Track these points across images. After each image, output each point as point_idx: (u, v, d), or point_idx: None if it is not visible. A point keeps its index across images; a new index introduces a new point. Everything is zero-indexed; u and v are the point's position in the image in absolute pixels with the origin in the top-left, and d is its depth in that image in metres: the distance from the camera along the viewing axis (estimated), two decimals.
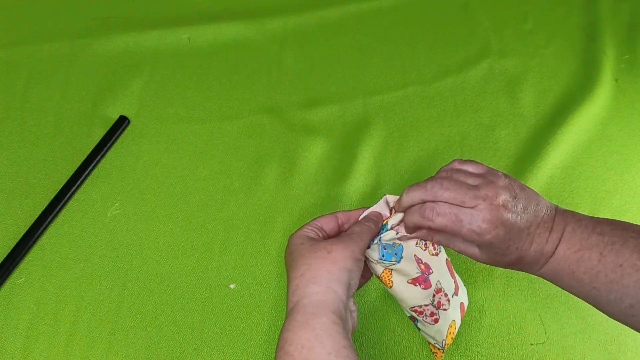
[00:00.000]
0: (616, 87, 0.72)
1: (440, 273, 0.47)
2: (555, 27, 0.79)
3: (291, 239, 0.45)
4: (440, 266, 0.47)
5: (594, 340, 0.55)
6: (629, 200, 0.64)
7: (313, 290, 0.39)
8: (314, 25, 0.77)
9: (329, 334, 0.37)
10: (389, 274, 0.45)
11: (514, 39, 0.77)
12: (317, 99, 0.70)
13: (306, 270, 0.40)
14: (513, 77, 0.73)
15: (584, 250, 0.40)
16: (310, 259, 0.41)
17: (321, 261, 0.41)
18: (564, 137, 0.67)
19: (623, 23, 0.79)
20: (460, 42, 0.77)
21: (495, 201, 0.40)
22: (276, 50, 0.75)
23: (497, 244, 0.41)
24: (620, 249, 0.39)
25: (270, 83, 0.72)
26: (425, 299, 0.45)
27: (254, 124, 0.68)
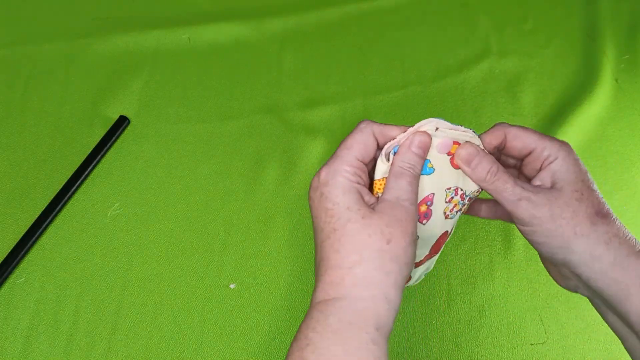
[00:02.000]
0: (616, 87, 0.72)
1: (429, 237, 0.40)
2: (555, 27, 0.79)
3: (331, 191, 0.34)
4: (434, 230, 0.40)
5: (594, 341, 0.55)
6: (629, 200, 0.64)
7: (361, 294, 0.31)
8: (314, 25, 0.77)
9: (362, 356, 0.30)
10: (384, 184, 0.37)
11: (514, 39, 0.77)
12: (317, 99, 0.70)
13: (356, 263, 0.32)
14: (513, 77, 0.73)
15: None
16: (363, 247, 0.32)
17: (378, 255, 0.32)
18: (564, 137, 0.67)
19: (623, 23, 0.79)
20: (460, 42, 0.77)
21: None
22: (276, 50, 0.75)
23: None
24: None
25: (270, 83, 0.72)
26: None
27: (254, 124, 0.68)
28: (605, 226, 0.35)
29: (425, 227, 0.38)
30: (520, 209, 0.36)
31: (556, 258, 0.36)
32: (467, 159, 0.37)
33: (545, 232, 0.35)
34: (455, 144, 0.38)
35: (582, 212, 0.35)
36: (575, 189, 0.36)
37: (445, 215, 0.39)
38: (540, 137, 0.38)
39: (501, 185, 0.37)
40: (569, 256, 0.35)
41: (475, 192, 0.40)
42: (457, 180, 0.38)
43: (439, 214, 0.38)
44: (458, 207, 0.40)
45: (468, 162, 0.37)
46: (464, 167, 0.38)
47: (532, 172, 0.39)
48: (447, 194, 0.38)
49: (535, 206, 0.35)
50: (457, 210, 0.40)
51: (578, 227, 0.35)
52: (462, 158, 0.37)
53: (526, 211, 0.36)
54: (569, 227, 0.35)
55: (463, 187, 0.39)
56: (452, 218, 0.40)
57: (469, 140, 0.38)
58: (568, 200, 0.36)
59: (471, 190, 0.39)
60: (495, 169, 0.37)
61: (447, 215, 0.39)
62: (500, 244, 0.60)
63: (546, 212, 0.35)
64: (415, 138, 0.36)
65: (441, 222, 0.39)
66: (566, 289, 0.40)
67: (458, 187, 0.38)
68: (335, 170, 0.35)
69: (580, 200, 0.36)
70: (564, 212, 0.35)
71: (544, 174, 0.38)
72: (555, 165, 0.37)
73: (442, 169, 0.38)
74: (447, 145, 0.37)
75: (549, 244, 0.36)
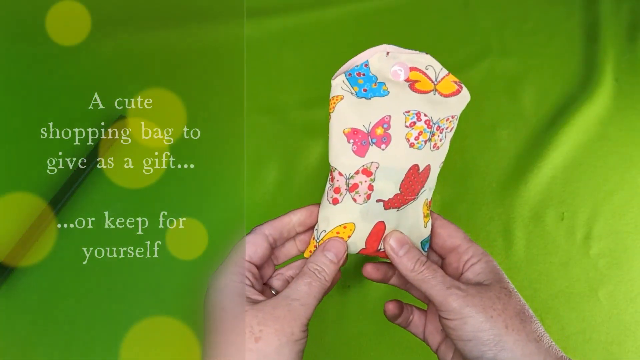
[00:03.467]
0: (616, 87, 0.72)
1: (393, 169, 0.37)
2: (556, 27, 0.79)
3: (211, 294, 0.33)
4: (400, 168, 0.37)
5: (595, 341, 0.55)
6: (630, 200, 0.64)
7: None
8: (314, 25, 0.77)
9: None
10: (337, 99, 0.36)
11: (515, 38, 0.77)
12: (317, 99, 0.70)
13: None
14: (513, 77, 0.73)
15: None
16: (225, 345, 0.30)
17: (241, 356, 0.29)
18: (564, 137, 0.67)
19: (623, 23, 0.79)
20: (460, 42, 0.77)
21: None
22: (276, 50, 0.75)
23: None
24: None
25: (270, 83, 0.71)
26: (349, 165, 0.36)
27: (254, 124, 0.67)
28: (533, 325, 0.35)
29: (386, 153, 0.36)
30: (452, 297, 0.34)
31: (485, 358, 0.34)
32: (394, 246, 0.37)
33: (477, 325, 0.33)
34: (413, 70, 0.37)
35: (512, 308, 0.35)
36: (503, 287, 0.36)
37: (409, 142, 0.37)
38: (465, 237, 0.39)
39: (430, 274, 0.36)
40: (499, 354, 0.33)
41: (445, 121, 0.38)
42: (419, 105, 0.37)
43: (401, 140, 0.36)
44: (425, 136, 0.37)
45: (396, 250, 0.37)
46: (391, 254, 0.37)
47: (454, 272, 0.39)
48: (407, 118, 0.36)
49: (466, 295, 0.34)
50: (425, 139, 0.37)
51: (509, 320, 0.34)
52: (390, 245, 0.37)
53: (457, 300, 0.34)
54: (501, 319, 0.34)
55: (428, 113, 0.37)
56: (419, 149, 0.37)
57: (427, 65, 0.38)
58: (498, 294, 0.35)
59: (439, 117, 0.37)
60: (425, 260, 0.37)
61: (412, 143, 0.37)
62: (500, 244, 0.60)
63: (478, 302, 0.34)
64: (329, 243, 0.36)
65: (406, 151, 0.37)
66: None
67: (420, 112, 0.37)
68: (220, 272, 0.34)
69: (509, 297, 0.35)
70: (495, 304, 0.34)
71: (469, 274, 0.38)
72: (480, 266, 0.37)
73: (398, 92, 0.37)
74: (403, 70, 0.37)
75: (479, 338, 0.33)
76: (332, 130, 0.37)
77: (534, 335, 0.34)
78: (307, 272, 0.35)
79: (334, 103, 0.36)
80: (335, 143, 0.37)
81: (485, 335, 0.33)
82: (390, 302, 0.43)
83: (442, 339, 0.42)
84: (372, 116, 0.36)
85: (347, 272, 0.57)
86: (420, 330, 0.44)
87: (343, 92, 0.37)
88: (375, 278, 0.43)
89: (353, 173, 0.37)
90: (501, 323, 0.34)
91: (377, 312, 0.55)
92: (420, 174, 0.38)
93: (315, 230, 0.39)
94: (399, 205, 0.38)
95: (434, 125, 0.37)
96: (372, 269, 0.42)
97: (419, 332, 0.44)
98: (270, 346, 0.30)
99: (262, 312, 0.31)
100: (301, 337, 0.31)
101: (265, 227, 0.37)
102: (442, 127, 0.38)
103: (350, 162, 0.36)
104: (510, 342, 0.33)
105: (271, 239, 0.37)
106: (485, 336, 0.33)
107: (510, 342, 0.33)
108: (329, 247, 0.36)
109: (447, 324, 0.35)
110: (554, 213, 0.63)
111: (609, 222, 0.63)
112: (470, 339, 0.34)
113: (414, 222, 0.39)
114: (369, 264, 0.42)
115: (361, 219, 0.37)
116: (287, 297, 0.32)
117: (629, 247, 0.61)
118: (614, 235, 0.62)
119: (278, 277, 0.40)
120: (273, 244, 0.38)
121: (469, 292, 0.35)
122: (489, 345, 0.33)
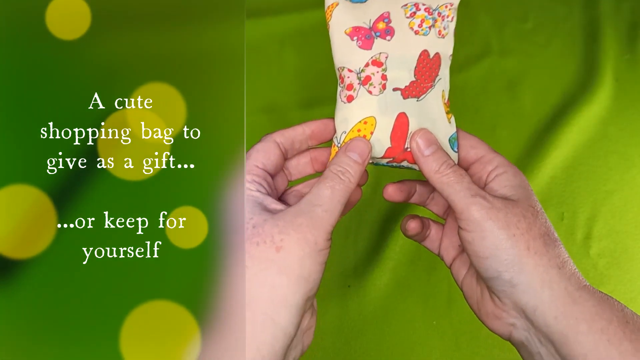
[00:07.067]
0: (617, 86, 0.72)
1: (404, 56, 0.36)
2: (556, 27, 0.79)
3: (225, 202, 0.32)
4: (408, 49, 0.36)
5: None
6: (630, 200, 0.64)
7: (242, 317, 0.27)
8: (314, 25, 0.77)
9: None
10: (333, 7, 0.36)
11: (515, 38, 0.77)
12: (317, 99, 0.70)
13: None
14: (513, 77, 0.73)
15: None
16: (248, 257, 0.28)
17: (263, 267, 0.28)
18: (564, 137, 0.67)
19: (623, 23, 0.79)
20: (460, 41, 0.76)
21: None
22: (276, 50, 0.75)
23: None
24: None
25: (270, 83, 0.71)
26: (357, 60, 0.35)
27: (254, 124, 0.67)
28: (557, 249, 0.32)
29: (392, 43, 0.36)
30: (475, 206, 0.31)
31: (501, 279, 0.31)
32: (421, 144, 0.34)
33: (496, 242, 0.31)
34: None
35: (537, 229, 0.31)
36: (530, 205, 0.33)
37: (414, 30, 0.36)
38: (490, 148, 0.36)
39: (456, 178, 0.32)
40: (517, 277, 0.31)
41: (445, 8, 0.37)
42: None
43: (405, 29, 0.36)
44: (429, 23, 0.36)
45: (422, 149, 0.34)
46: (416, 153, 0.34)
47: (478, 183, 0.35)
48: (406, 10, 0.36)
49: (491, 207, 0.31)
50: (429, 26, 0.36)
51: (532, 242, 0.31)
52: (416, 142, 0.34)
53: (480, 211, 0.31)
54: (523, 239, 0.31)
55: (426, 2, 0.36)
56: (425, 34, 0.36)
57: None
58: (524, 212, 0.32)
59: (438, 3, 0.37)
60: (452, 163, 0.34)
61: (416, 30, 0.36)
62: None
63: (502, 217, 0.31)
64: (352, 143, 0.33)
65: (412, 38, 0.36)
66: (497, 332, 0.34)
67: (418, 2, 0.36)
68: (233, 181, 0.33)
69: (535, 217, 0.32)
70: (520, 222, 0.31)
71: (494, 185, 0.34)
72: (507, 178, 0.34)
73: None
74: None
75: (497, 257, 0.31)
76: (333, 35, 0.36)
77: (556, 260, 0.31)
78: (329, 174, 0.32)
79: (330, 11, 0.36)
80: (339, 45, 0.36)
81: (504, 254, 0.31)
82: (411, 220, 0.39)
83: (457, 254, 0.39)
84: (371, 14, 0.36)
85: (347, 272, 0.57)
86: (436, 245, 0.40)
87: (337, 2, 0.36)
88: (397, 199, 0.39)
89: (363, 66, 0.35)
90: (523, 244, 0.31)
91: (377, 312, 0.55)
92: (432, 60, 0.37)
93: (334, 138, 0.37)
94: (417, 95, 0.36)
95: (434, 11, 0.37)
96: (394, 190, 0.38)
97: (435, 247, 0.41)
98: (292, 256, 0.28)
99: (282, 221, 0.29)
100: (325, 246, 0.29)
101: (275, 135, 0.35)
102: (443, 14, 0.37)
103: (357, 57, 0.36)
104: (529, 265, 0.31)
105: (282, 147, 0.35)
106: (504, 255, 0.31)
107: (530, 265, 0.31)
108: (352, 147, 0.33)
109: (465, 237, 0.32)
110: (554, 213, 0.63)
111: (609, 222, 0.63)
112: (487, 256, 0.31)
113: (437, 116, 0.37)
114: (390, 184, 0.39)
115: (380, 112, 0.35)
116: (309, 203, 0.30)
117: (629, 247, 0.61)
118: (614, 235, 0.62)
119: (294, 194, 0.37)
120: (285, 154, 0.35)
121: (494, 204, 0.31)
122: (506, 265, 0.31)
